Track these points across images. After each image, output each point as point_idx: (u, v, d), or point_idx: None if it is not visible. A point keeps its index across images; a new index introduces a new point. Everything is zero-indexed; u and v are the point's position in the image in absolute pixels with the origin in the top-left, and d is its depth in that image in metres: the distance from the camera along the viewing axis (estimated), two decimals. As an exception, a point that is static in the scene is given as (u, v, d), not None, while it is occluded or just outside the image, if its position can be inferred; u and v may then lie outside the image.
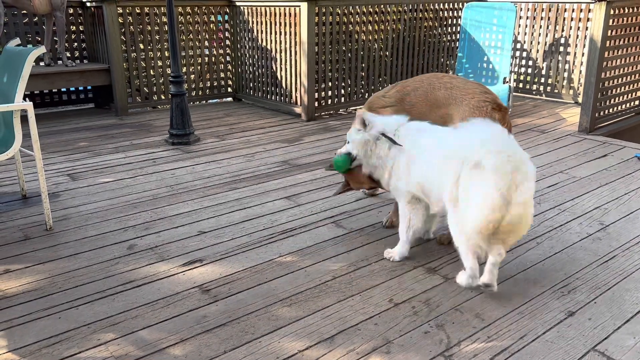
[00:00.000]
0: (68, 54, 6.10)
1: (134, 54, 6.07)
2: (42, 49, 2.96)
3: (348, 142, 2.80)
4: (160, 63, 6.27)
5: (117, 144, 4.90)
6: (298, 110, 5.96)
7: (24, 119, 2.93)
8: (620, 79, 5.41)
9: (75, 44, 6.24)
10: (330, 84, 6.06)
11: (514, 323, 2.24)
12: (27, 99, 5.74)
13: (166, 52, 6.25)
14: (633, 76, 5.61)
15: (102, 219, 3.26)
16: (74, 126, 5.57)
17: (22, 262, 2.74)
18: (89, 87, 6.44)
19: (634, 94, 5.75)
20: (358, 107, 6.46)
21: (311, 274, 2.64)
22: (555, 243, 2.97)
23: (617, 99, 5.50)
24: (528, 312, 2.32)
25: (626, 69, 5.45)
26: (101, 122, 5.74)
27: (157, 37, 6.18)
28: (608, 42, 4.98)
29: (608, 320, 2.26)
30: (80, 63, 6.19)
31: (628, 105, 5.73)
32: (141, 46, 6.11)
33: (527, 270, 2.68)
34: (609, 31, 4.95)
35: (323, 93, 6.04)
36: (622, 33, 5.15)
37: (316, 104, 5.94)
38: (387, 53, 6.54)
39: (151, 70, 6.23)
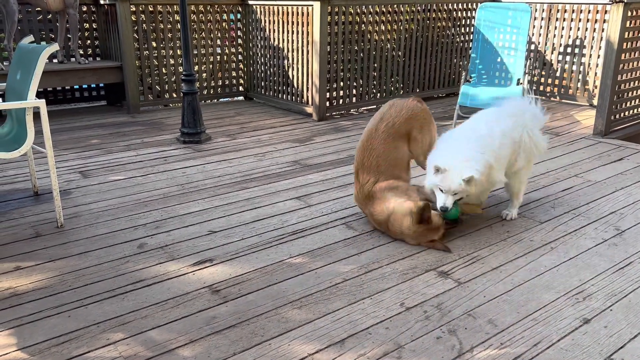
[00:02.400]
0: (81, 52, 6.12)
1: (147, 52, 6.08)
2: (55, 47, 2.96)
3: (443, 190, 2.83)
4: (172, 61, 6.28)
5: (129, 142, 4.90)
6: (309, 110, 5.94)
7: (37, 115, 2.94)
8: (637, 82, 5.33)
9: (88, 41, 6.26)
10: (342, 83, 6.03)
11: (528, 330, 2.20)
12: (40, 95, 5.78)
13: (178, 51, 6.25)
14: (650, 79, 5.52)
15: (113, 217, 3.26)
16: (86, 123, 5.59)
17: (33, 260, 2.74)
18: (101, 85, 6.46)
19: (650, 97, 5.66)
20: (370, 107, 6.43)
21: (321, 276, 2.61)
22: (570, 248, 2.92)
23: (633, 102, 5.42)
24: (542, 318, 2.28)
25: (643, 71, 5.36)
26: (113, 120, 5.75)
27: (169, 35, 6.19)
28: (625, 44, 4.90)
29: (624, 329, 2.22)
30: (92, 60, 6.21)
31: (644, 108, 5.64)
32: (154, 44, 6.12)
33: (541, 275, 2.64)
34: (626, 33, 4.87)
35: (335, 93, 6.01)
36: (640, 35, 5.07)
37: (327, 103, 5.91)
38: (400, 53, 6.49)
39: (163, 69, 6.24)
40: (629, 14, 4.82)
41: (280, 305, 2.37)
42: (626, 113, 5.39)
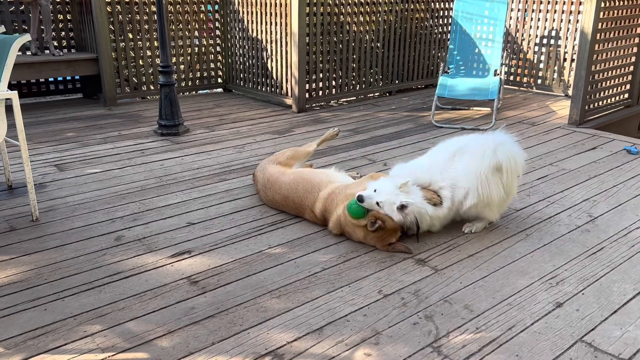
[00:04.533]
0: (55, 43, 6.01)
1: (123, 43, 5.99)
2: (26, 37, 2.91)
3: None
4: (149, 53, 6.20)
5: (106, 135, 4.84)
6: (289, 101, 5.93)
7: (9, 108, 2.88)
8: (610, 72, 5.43)
9: (63, 33, 6.15)
10: (321, 75, 6.03)
11: (503, 314, 2.25)
12: (13, 88, 5.67)
13: (155, 42, 6.17)
14: (623, 69, 5.63)
15: (90, 210, 3.22)
16: (62, 116, 5.50)
17: (7, 254, 2.70)
18: (76, 77, 6.36)
19: (623, 87, 5.78)
20: (349, 98, 6.44)
21: (300, 266, 2.63)
22: (544, 235, 2.98)
23: (606, 92, 5.53)
24: (517, 303, 2.33)
25: (616, 62, 5.47)
26: (89, 113, 5.67)
27: (146, 26, 6.11)
28: (598, 34, 4.99)
29: (595, 312, 2.27)
30: (67, 52, 6.10)
31: (617, 98, 5.75)
32: (130, 36, 6.04)
33: (516, 261, 2.69)
34: (600, 24, 4.95)
35: (314, 84, 6.00)
36: (613, 26, 5.16)
37: (307, 95, 5.91)
38: (379, 44, 6.51)
39: (140, 60, 6.16)
40: (603, 4, 4.90)
41: (259, 295, 2.38)
42: (600, 103, 5.49)
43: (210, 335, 2.10)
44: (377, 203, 2.72)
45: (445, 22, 7.07)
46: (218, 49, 6.79)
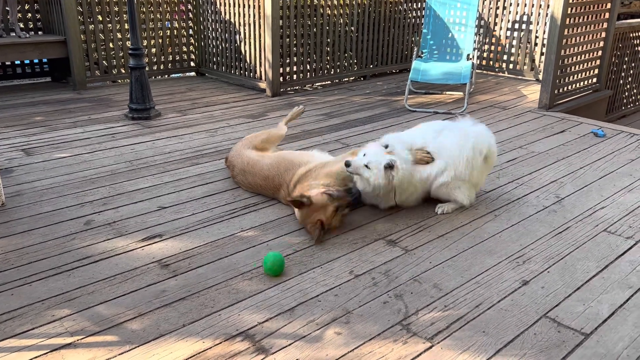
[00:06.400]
0: (21, 25, 5.83)
1: (92, 25, 5.84)
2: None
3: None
4: (119, 35, 6.07)
5: (75, 119, 4.74)
6: (262, 85, 5.88)
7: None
8: (579, 57, 5.52)
9: (29, 14, 5.96)
10: (295, 59, 5.99)
11: (470, 292, 2.30)
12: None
13: (126, 24, 6.04)
14: (591, 54, 5.73)
15: (58, 195, 3.17)
16: (29, 100, 5.36)
17: (-27, 239, 2.64)
18: (45, 60, 6.19)
19: (591, 71, 5.88)
20: (324, 82, 6.42)
21: (273, 248, 2.63)
22: (513, 215, 3.04)
23: (575, 76, 5.62)
24: (484, 281, 2.38)
25: (585, 46, 5.56)
26: (58, 97, 5.54)
27: (115, 8, 5.96)
28: (568, 19, 5.06)
29: (560, 288, 2.34)
30: (34, 34, 5.93)
31: (586, 82, 5.86)
32: (99, 17, 5.89)
33: (484, 241, 2.74)
34: (569, 9, 5.02)
35: (288, 68, 5.96)
36: (582, 11, 5.24)
37: (281, 79, 5.87)
38: (352, 28, 6.49)
39: (110, 43, 6.02)
40: (572, -10, 4.96)
41: (231, 277, 2.38)
42: (569, 87, 5.59)
43: (181, 318, 2.10)
44: (366, 165, 2.76)
45: (419, 6, 7.08)
46: (190, 32, 6.68)
